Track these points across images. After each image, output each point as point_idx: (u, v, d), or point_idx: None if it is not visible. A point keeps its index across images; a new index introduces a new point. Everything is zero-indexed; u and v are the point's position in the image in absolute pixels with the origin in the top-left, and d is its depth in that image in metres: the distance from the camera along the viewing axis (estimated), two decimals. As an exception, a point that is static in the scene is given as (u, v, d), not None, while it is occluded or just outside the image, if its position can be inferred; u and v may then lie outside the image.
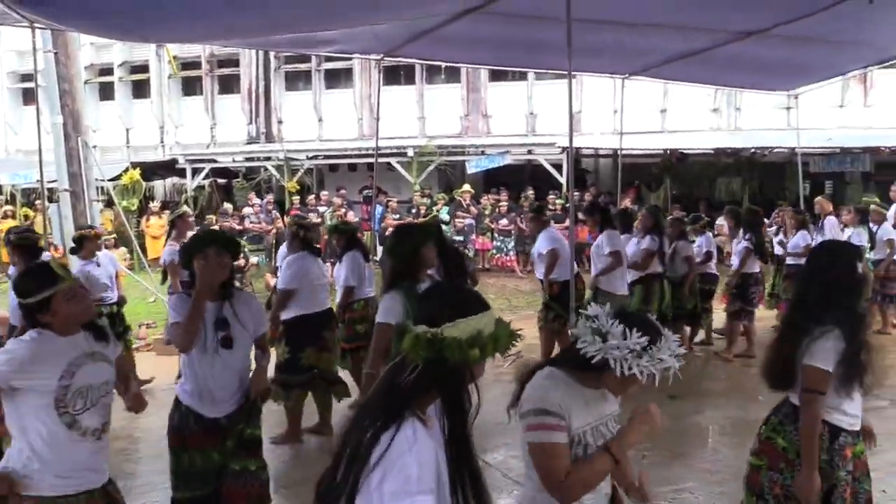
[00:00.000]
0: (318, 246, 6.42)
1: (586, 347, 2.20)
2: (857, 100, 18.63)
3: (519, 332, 1.89)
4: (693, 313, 8.46)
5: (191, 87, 23.08)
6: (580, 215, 9.14)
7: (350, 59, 18.97)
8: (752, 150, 17.25)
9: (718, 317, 9.06)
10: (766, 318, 9.05)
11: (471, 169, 17.80)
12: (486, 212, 16.02)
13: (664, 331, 2.28)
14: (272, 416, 5.63)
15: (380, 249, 13.11)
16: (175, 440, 3.58)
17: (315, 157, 19.76)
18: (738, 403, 6.45)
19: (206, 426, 3.54)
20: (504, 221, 15.69)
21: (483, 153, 18.65)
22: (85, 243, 6.87)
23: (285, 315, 5.81)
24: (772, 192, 17.45)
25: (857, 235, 8.79)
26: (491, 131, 20.83)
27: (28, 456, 2.71)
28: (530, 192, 16.37)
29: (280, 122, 22.37)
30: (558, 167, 16.97)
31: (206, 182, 19.47)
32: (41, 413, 2.70)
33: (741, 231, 8.51)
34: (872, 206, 9.25)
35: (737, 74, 8.64)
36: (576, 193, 15.34)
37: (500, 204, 15.71)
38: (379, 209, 14.84)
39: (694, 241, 8.73)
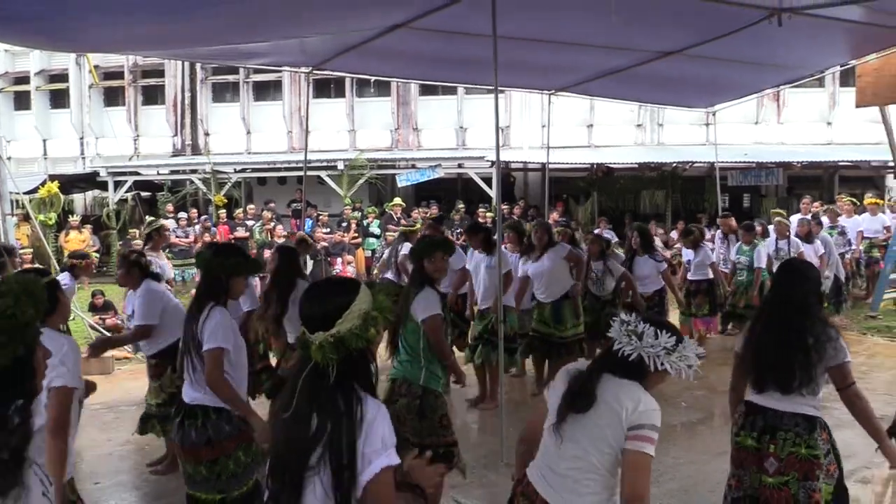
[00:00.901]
0: (157, 272, 5.70)
1: (624, 347, 2.45)
2: (772, 117, 19.54)
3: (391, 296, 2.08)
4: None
5: (113, 97, 22.42)
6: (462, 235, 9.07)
7: (279, 71, 18.80)
8: (674, 164, 17.85)
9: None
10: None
11: (401, 182, 17.83)
12: (418, 225, 16.03)
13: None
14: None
15: (310, 263, 12.97)
16: (240, 438, 3.58)
17: (243, 170, 19.44)
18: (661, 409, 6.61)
19: (243, 426, 3.62)
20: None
21: (414, 167, 18.70)
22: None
23: (151, 351, 5.31)
24: (693, 205, 18.08)
25: (761, 249, 9.09)
26: (421, 145, 20.92)
27: None
28: (461, 206, 16.49)
29: (207, 134, 21.94)
30: (489, 181, 17.17)
31: (129, 195, 18.89)
32: None
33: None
34: (777, 220, 9.63)
35: (658, 91, 8.96)
36: (505, 207, 15.53)
37: (431, 216, 15.75)
38: (308, 223, 14.68)
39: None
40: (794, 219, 10.97)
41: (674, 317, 8.73)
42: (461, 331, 7.43)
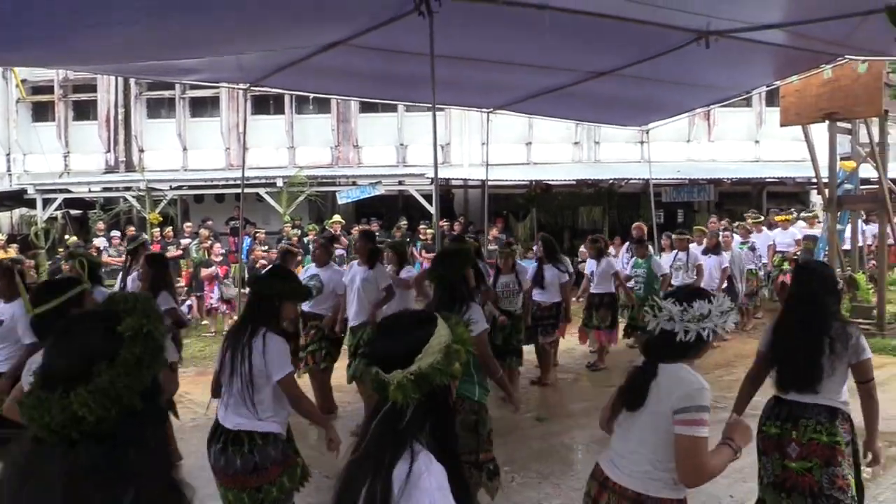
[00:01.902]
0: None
1: (681, 333, 2.50)
2: (703, 135, 20.18)
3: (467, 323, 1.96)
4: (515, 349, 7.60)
5: (42, 112, 21.69)
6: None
7: (217, 87, 18.53)
8: (611, 181, 18.21)
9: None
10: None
11: (342, 199, 17.72)
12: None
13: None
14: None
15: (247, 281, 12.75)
16: (285, 464, 3.59)
17: (179, 188, 19.03)
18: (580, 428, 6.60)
19: (288, 451, 3.67)
20: (376, 251, 15.69)
21: (354, 184, 18.62)
22: None
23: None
24: (630, 220, 18.47)
25: (659, 259, 9.52)
26: (362, 162, 20.87)
27: None
28: (403, 223, 16.47)
29: (141, 150, 21.42)
30: (429, 198, 17.22)
31: (59, 213, 18.27)
32: None
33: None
34: (677, 234, 10.09)
35: (594, 110, 9.18)
36: (445, 224, 15.59)
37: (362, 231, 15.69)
38: (247, 241, 14.45)
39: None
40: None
41: (572, 328, 9.08)
42: (327, 351, 7.07)
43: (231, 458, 3.47)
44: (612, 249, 10.96)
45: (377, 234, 15.07)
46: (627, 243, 10.44)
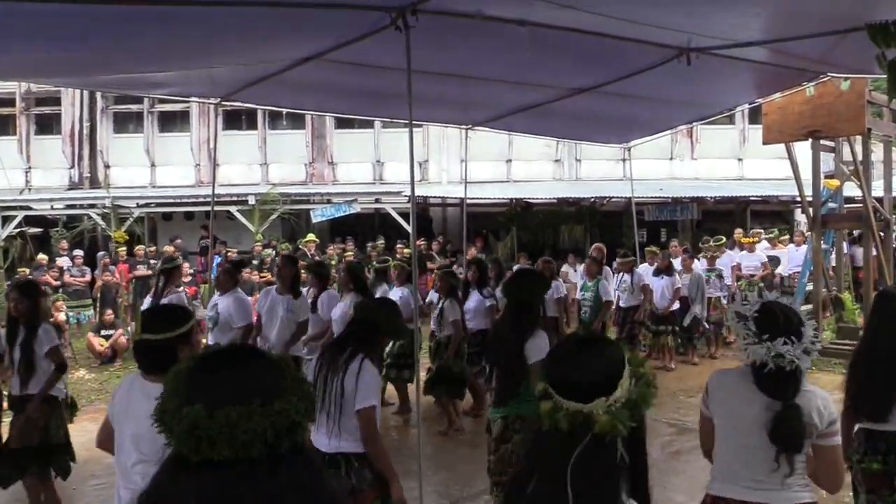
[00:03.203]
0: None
1: (806, 363, 2.61)
2: (686, 153, 20.45)
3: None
4: (458, 378, 7.54)
5: (3, 126, 21.47)
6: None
7: (187, 101, 18.47)
8: (592, 199, 18.38)
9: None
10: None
11: (316, 218, 17.69)
12: (332, 262, 15.91)
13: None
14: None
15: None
16: (381, 488, 3.57)
17: (147, 205, 18.90)
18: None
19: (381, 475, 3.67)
20: (352, 271, 15.65)
21: (329, 202, 18.60)
22: None
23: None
24: (611, 239, 18.63)
25: (605, 283, 9.57)
26: (337, 179, 20.87)
27: None
28: (380, 242, 16.46)
29: (107, 166, 21.25)
30: (407, 216, 17.24)
31: (19, 232, 18.03)
32: None
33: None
34: (621, 255, 10.26)
35: (575, 127, 9.25)
36: (423, 243, 15.60)
37: (347, 253, 15.68)
38: (217, 260, 14.34)
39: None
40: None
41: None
42: None
43: None
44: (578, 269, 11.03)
45: (352, 253, 15.11)
46: (582, 266, 10.61)
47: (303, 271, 7.92)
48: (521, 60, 5.43)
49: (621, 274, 10.04)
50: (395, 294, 7.84)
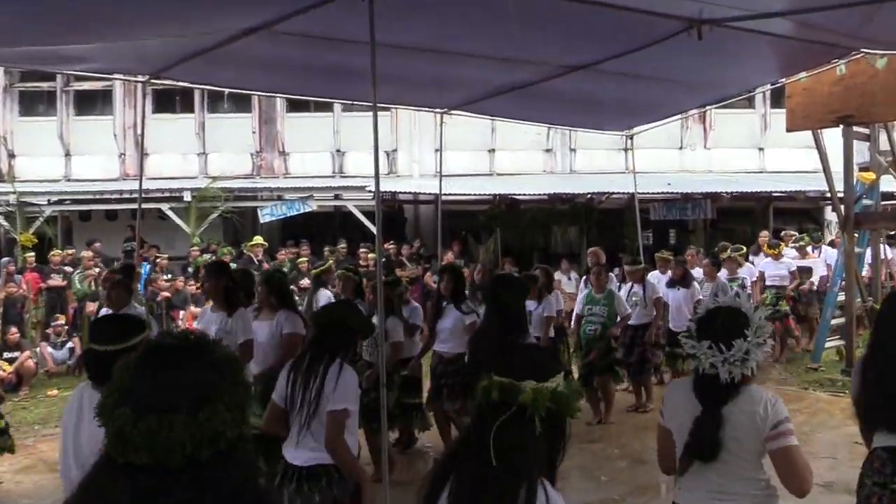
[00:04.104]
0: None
1: (726, 377, 2.99)
2: (698, 141, 20.65)
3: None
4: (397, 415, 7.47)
5: None
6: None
7: (109, 79, 18.29)
8: (589, 195, 18.48)
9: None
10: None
11: (264, 217, 17.60)
12: (284, 269, 15.84)
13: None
14: None
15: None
16: (362, 499, 4.00)
17: (60, 202, 18.69)
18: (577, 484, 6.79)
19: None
20: (306, 281, 15.58)
21: (280, 198, 18.51)
22: None
23: None
24: (612, 242, 18.74)
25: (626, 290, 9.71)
26: (289, 172, 20.79)
27: None
28: (342, 246, 16.37)
29: (12, 155, 20.94)
30: (371, 215, 17.21)
31: None
32: None
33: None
34: (627, 264, 10.27)
35: (569, 112, 9.30)
36: (391, 246, 15.58)
37: (301, 260, 15.60)
38: (145, 268, 14.21)
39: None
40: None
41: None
42: None
43: (308, 496, 3.87)
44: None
45: (307, 259, 15.05)
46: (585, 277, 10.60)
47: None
48: (507, 33, 5.45)
49: (630, 285, 9.81)
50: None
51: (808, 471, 3.00)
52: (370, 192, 17.31)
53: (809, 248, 14.20)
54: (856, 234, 11.44)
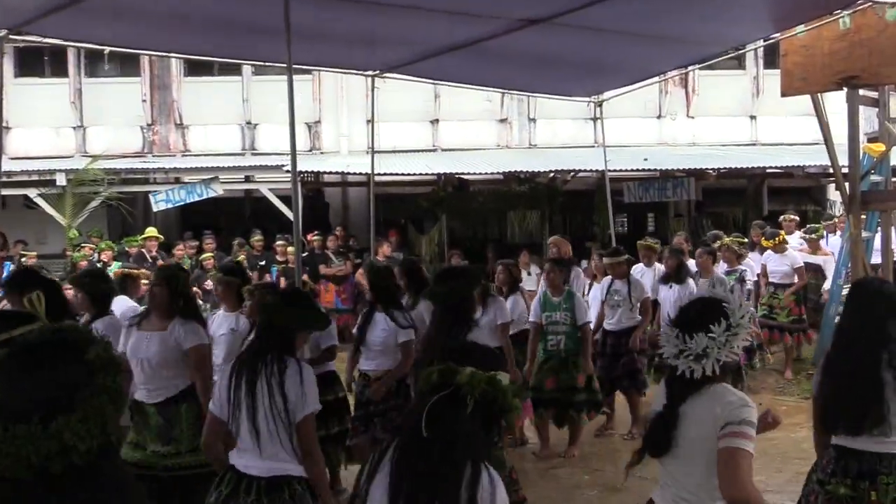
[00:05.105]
0: None
1: (686, 372, 3.26)
2: (679, 109, 20.90)
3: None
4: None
5: None
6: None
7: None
8: (552, 173, 18.54)
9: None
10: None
11: (158, 205, 17.36)
12: (184, 266, 15.65)
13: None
14: None
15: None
16: None
17: None
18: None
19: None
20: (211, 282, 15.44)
21: (178, 181, 18.29)
22: None
23: None
24: (579, 230, 18.87)
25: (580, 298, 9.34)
26: (189, 149, 20.61)
27: None
28: (257, 238, 16.21)
29: None
30: (289, 200, 17.10)
31: None
32: None
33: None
34: (608, 258, 9.95)
35: (526, 74, 9.33)
36: (315, 238, 15.50)
37: (205, 255, 15.45)
38: (7, 267, 13.95)
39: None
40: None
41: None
42: None
43: None
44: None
45: (212, 255, 14.90)
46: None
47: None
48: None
49: (611, 281, 9.64)
50: (222, 323, 7.20)
51: (749, 481, 3.13)
52: (288, 172, 17.18)
53: (823, 242, 13.81)
54: (863, 216, 11.55)
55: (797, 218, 14.85)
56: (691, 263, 10.92)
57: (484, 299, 7.90)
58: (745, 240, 12.49)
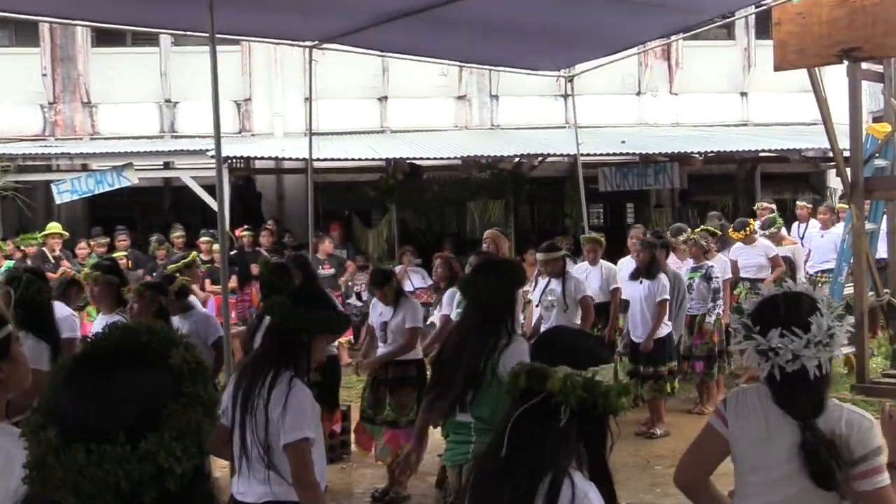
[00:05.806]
0: None
1: (813, 370, 3.05)
2: (661, 84, 21.02)
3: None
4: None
5: None
6: None
7: None
8: (517, 158, 18.58)
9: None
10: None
11: (62, 196, 17.18)
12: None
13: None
14: None
15: None
16: None
17: None
18: None
19: None
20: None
21: (85, 168, 18.13)
22: None
23: None
24: (550, 221, 18.92)
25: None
26: (98, 131, 20.46)
27: None
28: (178, 233, 16.10)
29: None
30: (214, 189, 17.01)
31: None
32: None
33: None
34: (543, 254, 10.05)
35: (487, 45, 9.35)
36: (246, 233, 15.44)
37: (118, 254, 15.32)
38: None
39: None
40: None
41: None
42: None
43: None
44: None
45: (127, 254, 14.79)
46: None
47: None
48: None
49: (547, 281, 9.76)
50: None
51: None
52: (212, 157, 17.10)
53: (784, 231, 13.86)
54: (867, 205, 11.64)
55: (769, 205, 14.96)
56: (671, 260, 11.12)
57: (396, 299, 8.30)
58: (719, 232, 12.58)
